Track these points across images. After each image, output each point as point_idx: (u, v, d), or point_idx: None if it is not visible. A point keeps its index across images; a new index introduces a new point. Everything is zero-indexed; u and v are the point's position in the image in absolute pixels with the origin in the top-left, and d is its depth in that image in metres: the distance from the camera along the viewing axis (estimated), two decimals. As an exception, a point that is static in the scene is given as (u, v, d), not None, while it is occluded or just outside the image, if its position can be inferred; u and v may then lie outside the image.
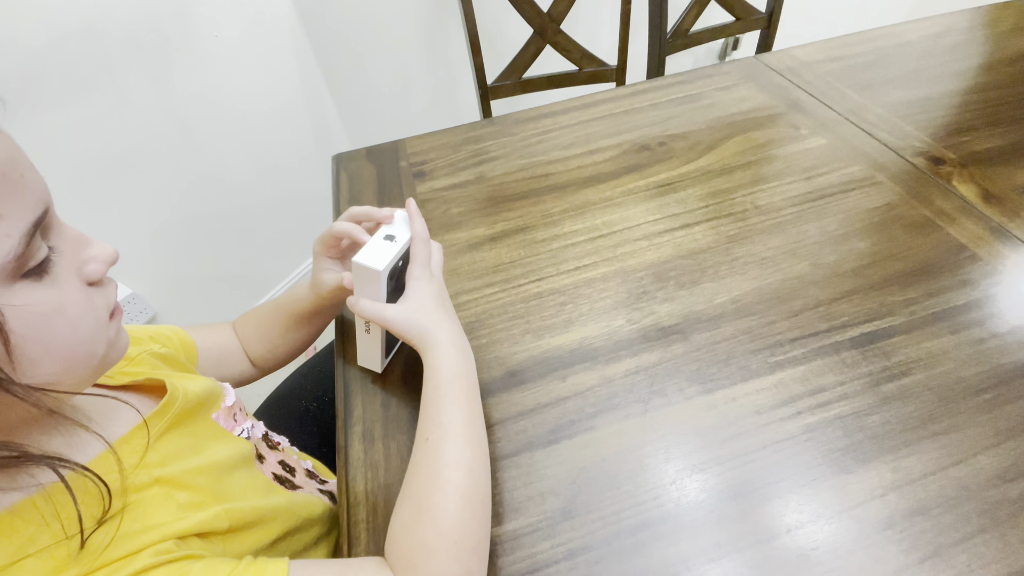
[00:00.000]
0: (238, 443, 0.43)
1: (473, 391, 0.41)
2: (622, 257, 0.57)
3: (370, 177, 0.73)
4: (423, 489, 0.36)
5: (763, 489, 0.40)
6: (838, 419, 0.43)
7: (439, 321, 0.42)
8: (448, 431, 0.38)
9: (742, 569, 0.36)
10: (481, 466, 0.38)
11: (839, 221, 0.59)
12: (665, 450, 0.42)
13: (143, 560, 0.29)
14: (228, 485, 0.38)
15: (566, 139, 0.74)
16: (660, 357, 0.48)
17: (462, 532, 0.34)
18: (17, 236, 0.23)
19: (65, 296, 0.26)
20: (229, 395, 0.46)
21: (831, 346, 0.48)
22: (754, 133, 0.71)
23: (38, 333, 0.24)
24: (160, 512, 0.32)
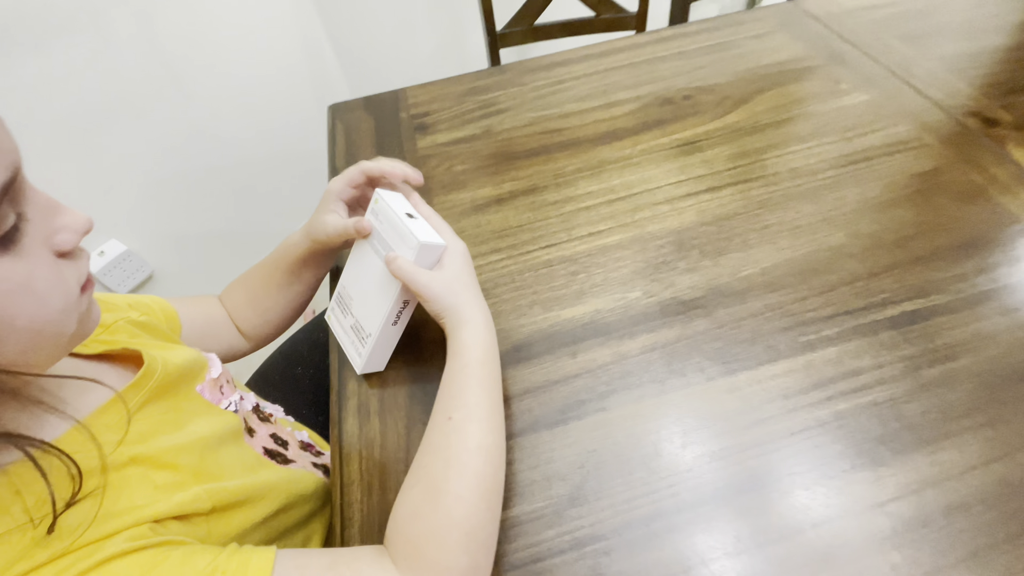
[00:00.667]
0: (225, 417, 0.40)
1: (499, 376, 0.39)
2: (641, 223, 0.53)
3: (368, 129, 0.68)
4: (439, 472, 0.33)
5: (788, 480, 0.37)
6: (873, 406, 0.39)
7: (474, 297, 0.40)
8: (473, 413, 0.35)
9: (763, 566, 0.34)
10: (500, 456, 0.35)
11: (881, 187, 0.53)
12: (682, 435, 0.39)
13: (116, 545, 0.26)
14: (213, 463, 0.35)
15: (581, 90, 0.68)
16: (679, 334, 0.44)
17: (475, 523, 0.32)
18: None
19: (33, 269, 0.24)
20: (215, 366, 0.43)
21: (868, 326, 0.43)
22: (789, 87, 0.65)
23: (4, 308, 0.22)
24: (135, 494, 0.29)
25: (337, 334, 0.47)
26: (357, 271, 0.45)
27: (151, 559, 0.27)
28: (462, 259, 0.41)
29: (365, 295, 0.44)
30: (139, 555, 0.27)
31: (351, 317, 0.45)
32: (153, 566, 0.27)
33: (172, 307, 0.47)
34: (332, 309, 0.47)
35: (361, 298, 0.45)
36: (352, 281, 0.46)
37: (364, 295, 0.44)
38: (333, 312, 0.47)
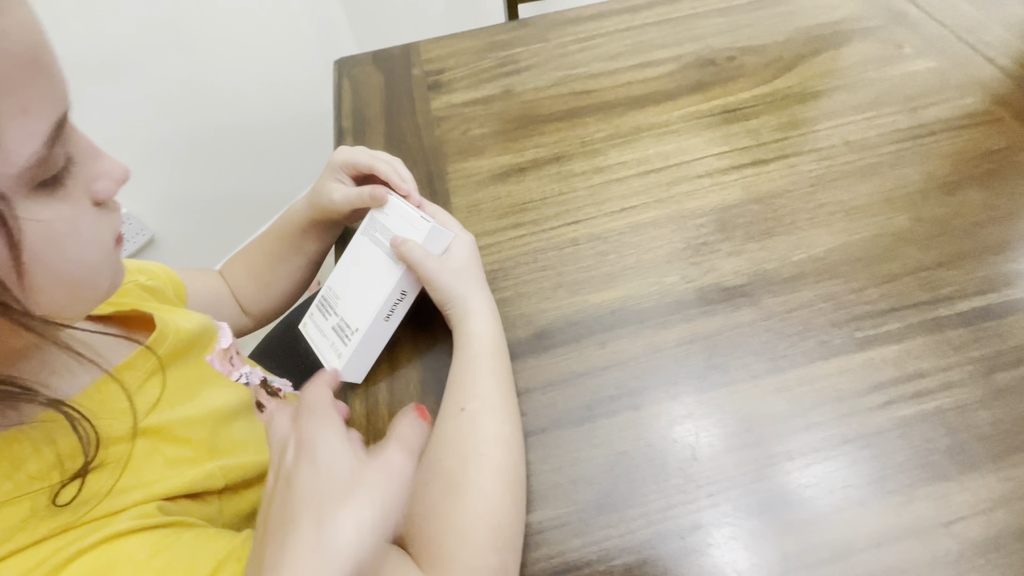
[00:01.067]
0: (236, 389, 0.37)
1: (510, 367, 0.37)
2: (678, 198, 0.48)
3: (377, 87, 0.62)
4: (457, 465, 0.31)
5: (842, 493, 0.33)
6: (938, 413, 0.35)
7: (481, 288, 0.39)
8: (487, 403, 0.33)
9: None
10: (519, 447, 0.33)
11: (949, 165, 0.48)
12: (724, 438, 0.35)
13: (122, 523, 0.24)
14: (226, 437, 0.33)
15: (612, 48, 0.61)
16: (722, 325, 0.40)
17: (501, 518, 0.29)
18: (41, 137, 0.19)
19: (78, 215, 0.23)
20: (225, 336, 0.40)
21: (933, 321, 0.39)
22: (845, 50, 0.58)
23: (48, 255, 0.21)
24: (144, 469, 0.27)
25: (314, 341, 0.41)
26: (349, 268, 0.41)
27: (160, 540, 0.25)
28: (470, 249, 0.39)
29: (357, 290, 0.40)
30: (147, 535, 0.25)
31: (334, 317, 0.40)
32: (162, 547, 0.24)
33: (177, 276, 0.43)
34: (311, 315, 0.42)
35: (351, 295, 0.41)
36: (342, 279, 0.42)
37: (355, 290, 0.41)
38: (312, 318, 0.42)
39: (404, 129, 0.57)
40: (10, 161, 0.18)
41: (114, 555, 0.23)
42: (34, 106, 0.19)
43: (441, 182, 0.52)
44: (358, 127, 0.58)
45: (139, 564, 0.24)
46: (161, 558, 0.24)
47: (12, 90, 0.18)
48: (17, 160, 0.19)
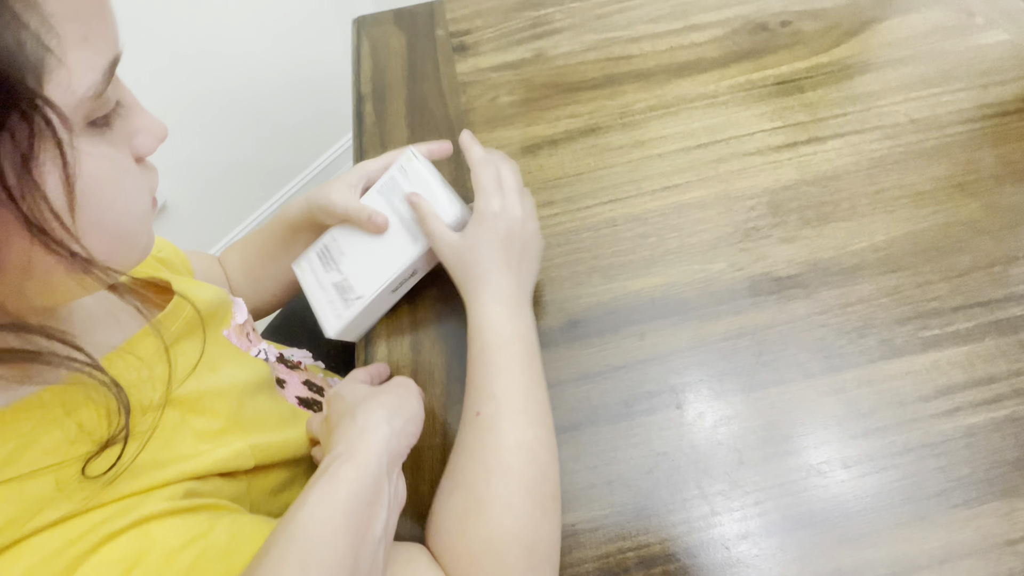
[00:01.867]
0: (256, 365, 0.35)
1: (532, 358, 0.32)
2: (726, 177, 0.44)
3: (398, 48, 0.58)
4: (478, 477, 0.28)
5: (902, 507, 0.31)
6: (1010, 422, 0.32)
7: (496, 267, 0.34)
8: (503, 405, 0.30)
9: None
10: (549, 451, 0.30)
11: (1023, 150, 0.43)
12: (773, 442, 0.33)
13: (155, 504, 0.23)
14: (252, 411, 0.32)
15: (655, 9, 0.56)
16: (773, 318, 0.37)
17: (534, 535, 0.27)
18: (100, 70, 0.19)
19: (123, 162, 0.22)
20: (240, 310, 0.38)
21: (1007, 322, 0.36)
22: (912, 17, 0.53)
23: (98, 194, 0.20)
24: (174, 442, 0.26)
25: (308, 287, 0.40)
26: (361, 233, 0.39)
27: (194, 527, 0.23)
28: (493, 224, 0.34)
29: (365, 253, 0.38)
30: (180, 519, 0.23)
31: (337, 273, 0.39)
32: (196, 536, 0.23)
33: (183, 253, 0.41)
34: (309, 259, 0.41)
35: (359, 256, 0.38)
36: (349, 235, 0.39)
37: (364, 253, 0.38)
38: (310, 263, 0.40)
39: (427, 95, 0.53)
40: (71, 89, 0.18)
41: (146, 541, 0.22)
42: (94, 37, 0.19)
43: (467, 153, 0.48)
44: (378, 92, 0.54)
45: (171, 553, 0.22)
46: (194, 548, 0.23)
47: (76, 16, 0.18)
48: (78, 89, 0.18)
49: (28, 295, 0.20)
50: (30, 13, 0.16)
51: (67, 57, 0.18)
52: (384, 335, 0.40)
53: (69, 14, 0.18)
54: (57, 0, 0.17)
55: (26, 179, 0.17)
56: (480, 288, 0.33)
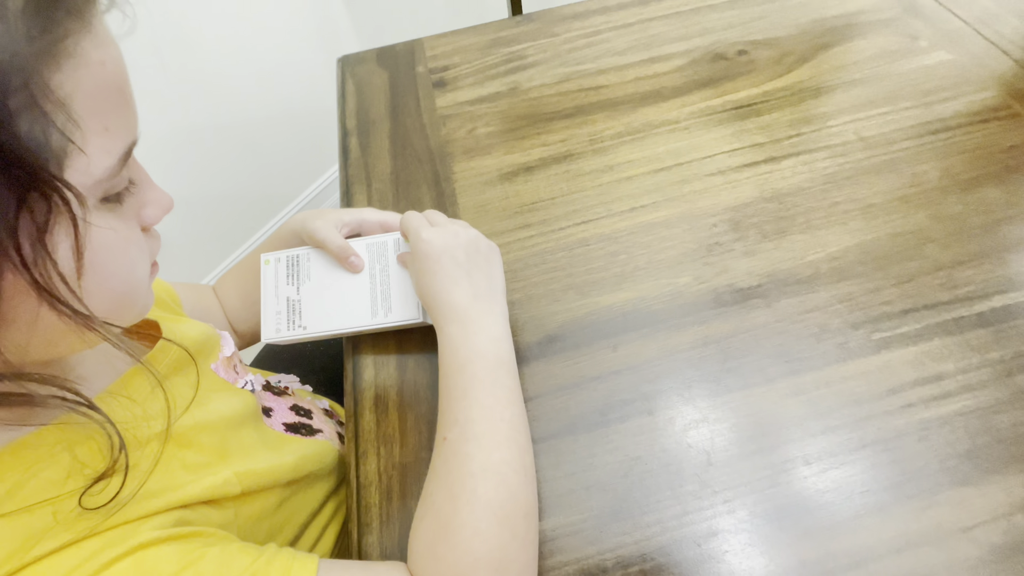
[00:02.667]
0: (242, 396, 0.37)
1: (496, 374, 0.33)
2: (690, 197, 0.47)
3: (381, 85, 0.61)
4: (446, 503, 0.29)
5: (861, 499, 0.32)
6: (959, 416, 0.35)
7: (443, 287, 0.35)
8: (466, 430, 0.31)
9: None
10: (517, 471, 0.31)
11: (967, 161, 0.47)
12: (740, 443, 0.35)
13: (148, 532, 0.24)
14: (235, 443, 0.33)
15: (621, 43, 0.60)
16: (736, 327, 0.39)
17: (503, 556, 0.28)
18: (116, 155, 0.22)
19: (130, 234, 0.24)
20: (227, 344, 0.40)
21: (953, 322, 0.38)
22: (859, 43, 0.57)
23: (104, 262, 0.23)
24: (164, 474, 0.27)
25: (265, 284, 0.42)
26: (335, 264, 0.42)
27: (187, 553, 0.25)
28: (436, 249, 0.36)
29: (328, 292, 0.41)
30: (175, 545, 0.25)
31: (294, 291, 0.41)
32: (192, 561, 0.24)
33: (171, 287, 0.43)
34: (278, 259, 0.43)
35: (321, 290, 0.41)
36: (322, 263, 0.42)
37: (325, 290, 0.41)
38: (277, 263, 0.42)
39: (409, 128, 0.56)
40: (89, 172, 0.20)
41: (143, 568, 0.23)
42: (114, 127, 0.21)
43: (448, 182, 0.51)
44: (362, 126, 0.57)
45: None
46: (189, 573, 0.24)
47: (101, 111, 0.21)
48: (95, 172, 0.21)
49: (31, 349, 0.22)
50: (58, 111, 0.19)
51: (87, 145, 0.20)
52: (371, 355, 0.42)
53: (94, 110, 0.20)
54: (84, 98, 0.20)
55: (40, 249, 0.19)
56: (435, 313, 0.35)
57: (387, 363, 0.41)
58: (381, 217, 0.43)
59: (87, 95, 0.20)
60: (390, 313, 0.40)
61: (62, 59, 0.19)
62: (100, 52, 0.21)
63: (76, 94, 0.19)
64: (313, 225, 0.41)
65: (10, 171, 0.18)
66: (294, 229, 0.44)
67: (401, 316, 0.39)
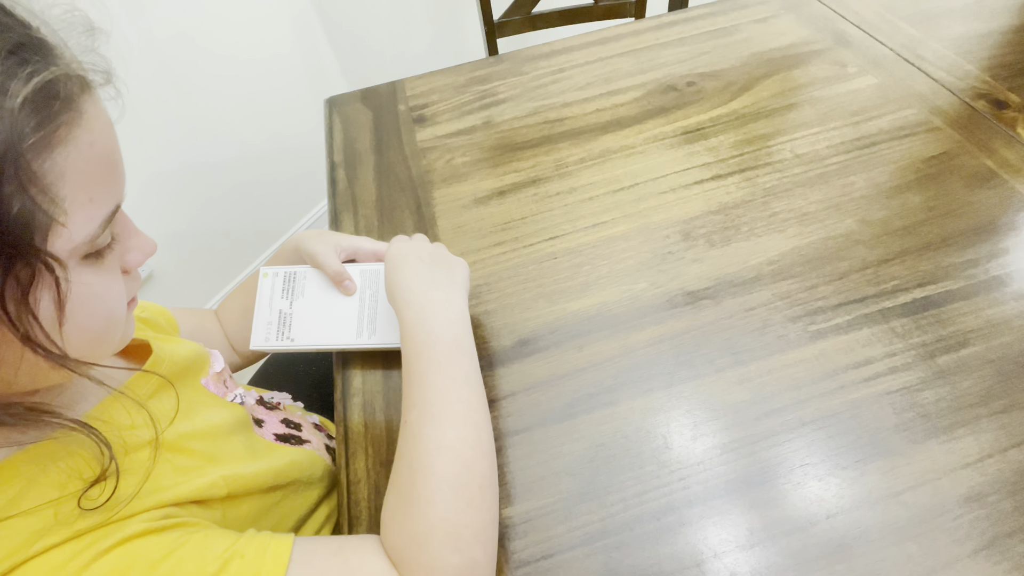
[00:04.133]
0: (232, 408, 0.40)
1: (451, 357, 0.35)
2: (645, 212, 0.52)
3: (366, 122, 0.67)
4: (406, 478, 0.32)
5: (801, 471, 0.36)
6: (886, 395, 0.39)
7: (406, 280, 0.38)
8: (423, 412, 0.34)
9: (777, 558, 0.33)
10: (472, 446, 0.33)
11: (890, 172, 0.52)
12: (693, 427, 0.39)
13: (135, 526, 0.27)
14: (225, 449, 0.36)
15: (583, 79, 0.67)
16: (688, 325, 0.44)
17: (456, 523, 0.31)
18: (99, 221, 0.24)
19: (110, 281, 0.27)
20: (217, 361, 0.43)
21: (879, 313, 0.43)
22: (795, 72, 0.64)
23: (81, 311, 0.25)
24: (156, 476, 0.30)
25: (261, 296, 0.45)
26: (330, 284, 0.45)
27: (173, 540, 0.27)
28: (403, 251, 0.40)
29: (318, 310, 0.44)
30: (161, 535, 0.27)
31: (288, 305, 0.45)
32: (176, 547, 0.27)
33: (169, 312, 0.47)
34: (276, 274, 0.46)
35: (312, 305, 0.45)
36: (317, 282, 0.46)
37: (317, 308, 0.44)
38: (275, 277, 0.46)
39: (392, 161, 0.61)
40: (71, 239, 0.23)
41: (131, 556, 0.26)
42: (98, 197, 0.24)
43: (428, 207, 0.56)
44: (349, 160, 0.63)
45: (154, 563, 0.26)
46: (173, 558, 0.26)
47: (87, 185, 0.23)
48: (76, 238, 0.23)
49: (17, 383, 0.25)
50: (45, 193, 0.21)
51: (71, 218, 0.22)
52: (359, 365, 0.45)
53: (80, 185, 0.22)
54: (72, 177, 0.22)
55: (23, 307, 0.22)
56: (397, 303, 0.38)
57: (374, 372, 0.45)
58: (375, 247, 0.47)
59: (75, 174, 0.22)
60: (374, 336, 0.43)
61: (54, 147, 0.21)
62: (90, 134, 0.23)
63: (64, 175, 0.22)
64: (313, 246, 0.45)
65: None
66: (295, 247, 0.47)
67: (383, 340, 0.43)
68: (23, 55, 0.21)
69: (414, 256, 0.40)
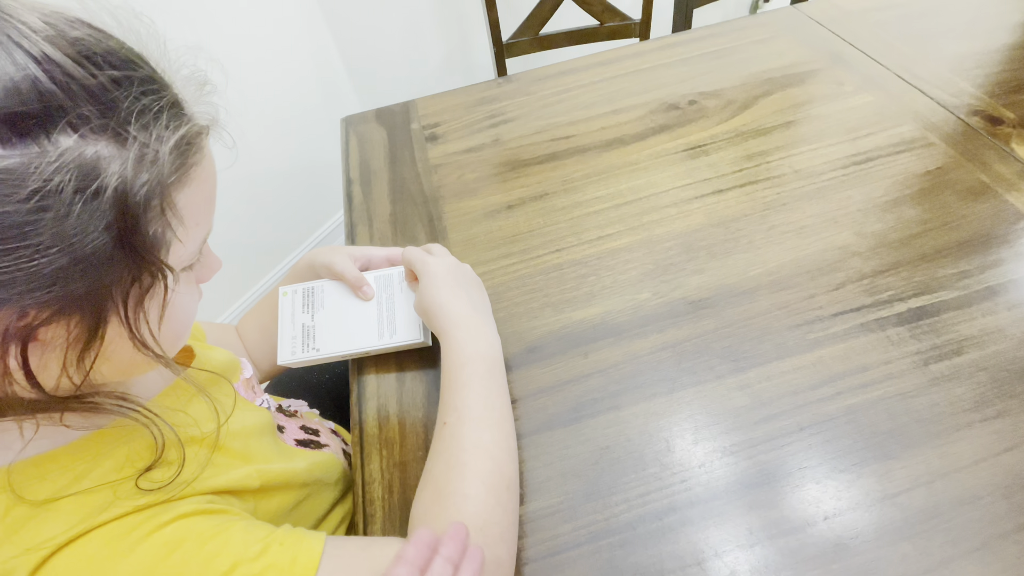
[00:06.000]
0: (260, 412, 0.42)
1: (491, 372, 0.39)
2: (648, 226, 0.54)
3: (380, 140, 0.70)
4: (442, 474, 0.35)
5: (799, 474, 0.37)
6: (882, 401, 0.40)
7: (448, 300, 0.42)
8: (463, 415, 0.37)
9: (775, 557, 0.34)
10: (504, 450, 0.36)
11: (886, 186, 0.54)
12: (694, 431, 0.40)
13: (186, 506, 0.29)
14: (257, 448, 0.38)
15: (588, 98, 0.69)
16: (689, 333, 0.45)
17: (487, 518, 0.33)
18: (200, 241, 0.29)
19: (192, 292, 0.32)
20: (247, 368, 0.45)
21: (876, 322, 0.44)
22: (793, 90, 0.66)
23: (174, 315, 0.29)
24: (196, 467, 0.33)
25: (283, 314, 0.48)
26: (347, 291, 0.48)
27: (220, 523, 0.30)
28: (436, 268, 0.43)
29: (341, 317, 0.47)
30: (210, 517, 0.30)
31: (309, 318, 0.47)
32: (223, 528, 0.30)
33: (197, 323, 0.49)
34: (294, 291, 0.49)
35: (335, 316, 0.47)
36: (335, 293, 0.48)
37: (340, 316, 0.47)
38: (293, 295, 0.49)
39: (406, 177, 0.64)
40: (185, 257, 0.28)
41: (185, 531, 0.29)
42: (203, 222, 0.29)
43: (440, 221, 0.58)
44: (364, 176, 0.65)
45: (204, 539, 0.29)
46: (221, 537, 0.29)
47: (198, 213, 0.28)
48: (184, 255, 0.28)
49: (111, 375, 0.29)
50: (174, 219, 0.26)
51: (185, 238, 0.27)
52: (374, 371, 0.47)
53: (195, 213, 0.28)
54: (192, 207, 0.27)
55: (140, 309, 0.26)
56: (442, 321, 0.41)
57: (388, 377, 0.47)
58: (386, 252, 0.50)
59: (194, 204, 0.27)
60: (395, 335, 0.46)
61: (186, 183, 0.27)
62: (207, 171, 0.29)
63: (188, 205, 0.27)
64: (331, 258, 0.48)
65: (135, 258, 0.25)
66: (309, 263, 0.51)
67: (405, 337, 0.46)
68: (172, 111, 0.26)
69: (451, 275, 0.43)
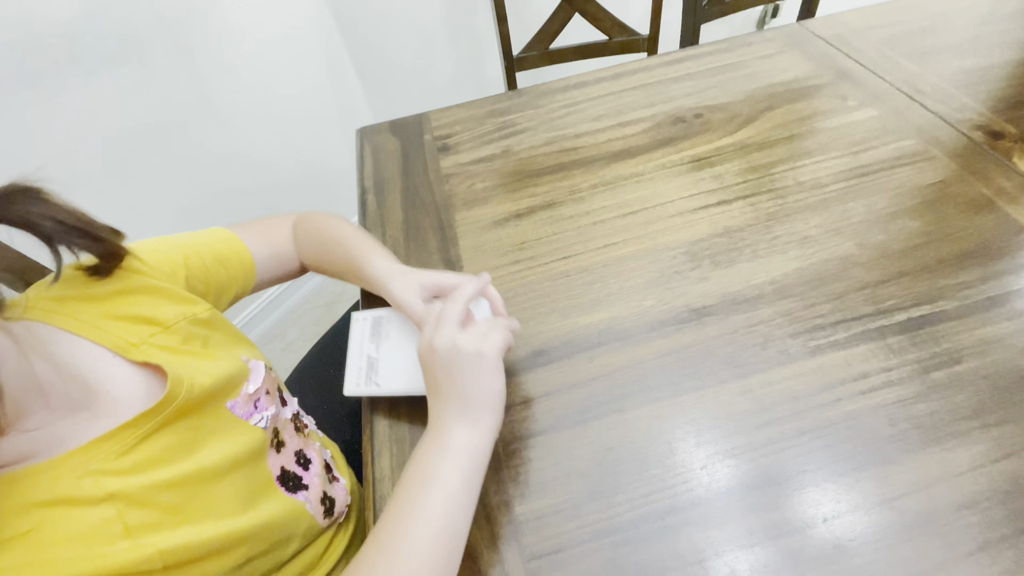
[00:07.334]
0: (250, 434, 0.39)
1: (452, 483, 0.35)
2: (654, 235, 0.55)
3: (394, 151, 0.72)
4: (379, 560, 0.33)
5: (799, 477, 0.38)
6: (882, 407, 0.41)
7: (434, 388, 0.38)
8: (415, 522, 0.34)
9: (775, 558, 0.35)
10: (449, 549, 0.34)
11: (888, 199, 0.55)
12: (696, 434, 0.41)
13: None
14: (204, 498, 0.34)
15: (596, 111, 0.71)
16: (693, 339, 0.46)
17: None
18: None
19: None
20: (255, 378, 0.43)
21: (876, 331, 0.45)
22: (797, 104, 0.67)
23: None
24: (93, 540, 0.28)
25: (352, 340, 0.47)
26: (414, 328, 0.45)
27: None
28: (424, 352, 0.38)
29: (403, 352, 0.45)
30: None
31: (375, 349, 0.46)
32: None
33: (248, 253, 0.50)
34: (365, 319, 0.48)
35: (397, 349, 0.45)
36: (400, 325, 0.46)
37: (402, 351, 0.45)
38: (364, 323, 0.47)
39: (418, 186, 0.66)
40: None
41: None
42: None
43: (451, 229, 0.60)
44: (378, 186, 0.68)
45: None
46: None
47: None
48: None
49: None
50: None
51: None
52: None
53: None
54: None
55: None
56: (436, 404, 0.38)
57: (399, 399, 0.48)
58: (457, 281, 0.44)
59: None
60: None
61: None
62: None
63: None
64: (394, 288, 0.43)
65: None
66: (378, 280, 0.46)
67: None
68: None
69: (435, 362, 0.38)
